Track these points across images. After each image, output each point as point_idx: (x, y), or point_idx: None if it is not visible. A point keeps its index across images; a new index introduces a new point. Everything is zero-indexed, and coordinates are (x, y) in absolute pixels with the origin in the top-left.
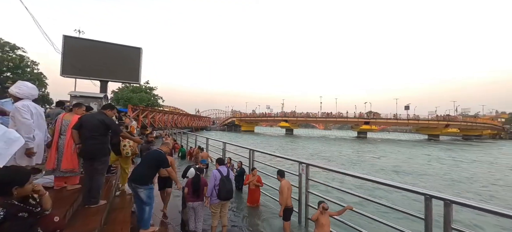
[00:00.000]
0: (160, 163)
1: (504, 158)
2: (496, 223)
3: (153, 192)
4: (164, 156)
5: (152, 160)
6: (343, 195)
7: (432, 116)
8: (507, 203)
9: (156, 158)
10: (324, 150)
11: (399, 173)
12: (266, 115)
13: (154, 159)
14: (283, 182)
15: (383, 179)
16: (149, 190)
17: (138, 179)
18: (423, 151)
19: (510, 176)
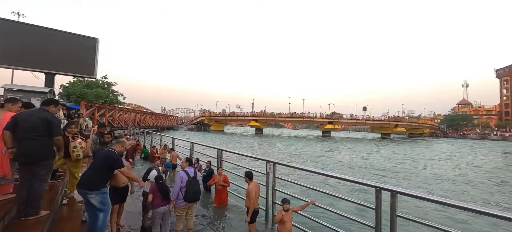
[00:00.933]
0: (112, 163)
1: (440, 153)
2: (435, 209)
3: (108, 197)
4: (116, 155)
5: (102, 160)
6: (307, 191)
7: (384, 117)
8: (444, 191)
9: (107, 157)
10: (292, 148)
11: (355, 168)
12: (237, 115)
13: (105, 159)
14: (250, 185)
15: (341, 174)
16: (101, 194)
17: (86, 183)
18: (377, 148)
19: (447, 168)
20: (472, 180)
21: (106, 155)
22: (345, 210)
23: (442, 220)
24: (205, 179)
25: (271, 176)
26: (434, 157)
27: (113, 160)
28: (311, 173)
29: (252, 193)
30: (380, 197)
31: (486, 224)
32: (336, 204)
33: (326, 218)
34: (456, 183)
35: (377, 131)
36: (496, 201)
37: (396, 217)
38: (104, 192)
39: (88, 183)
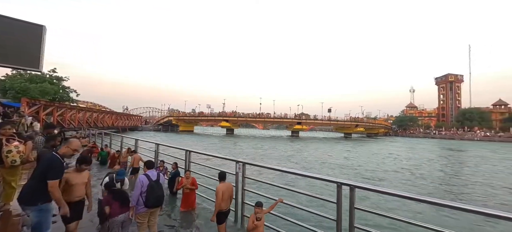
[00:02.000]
0: (47, 171)
1: (393, 149)
2: (390, 200)
3: (49, 217)
4: (56, 162)
5: (41, 168)
6: (276, 189)
7: (346, 118)
8: (395, 184)
9: (45, 164)
10: (264, 148)
11: (321, 165)
12: (207, 115)
13: (43, 166)
14: (219, 185)
15: (307, 172)
16: (39, 212)
17: (23, 196)
18: (340, 146)
19: (397, 163)
20: (413, 172)
21: (45, 161)
22: (310, 205)
23: (393, 209)
24: (171, 182)
25: (241, 176)
26: (387, 154)
27: (49, 168)
28: (279, 171)
29: (219, 193)
30: (340, 192)
31: (429, 210)
32: (302, 200)
33: (293, 214)
34: (404, 175)
35: (340, 130)
36: (427, 189)
37: (354, 209)
38: (44, 210)
39: (25, 196)
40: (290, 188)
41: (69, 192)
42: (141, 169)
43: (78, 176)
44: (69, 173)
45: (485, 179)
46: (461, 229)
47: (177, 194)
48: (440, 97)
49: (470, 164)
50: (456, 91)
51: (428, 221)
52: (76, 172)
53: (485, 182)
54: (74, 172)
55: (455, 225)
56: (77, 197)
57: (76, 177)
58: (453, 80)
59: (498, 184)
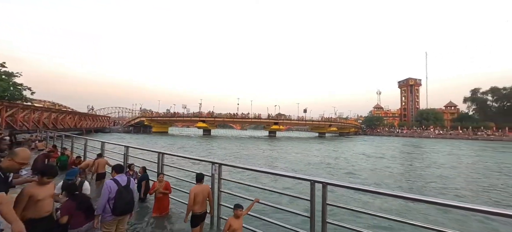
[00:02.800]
0: None
1: (362, 147)
2: (360, 196)
3: None
4: None
5: None
6: (253, 190)
7: (321, 118)
8: (366, 179)
9: None
10: (241, 149)
11: (299, 163)
12: (182, 115)
13: None
14: (192, 188)
15: (282, 171)
16: None
17: None
18: (315, 145)
19: (365, 160)
20: (378, 167)
21: None
22: (286, 203)
23: (364, 203)
24: (138, 187)
25: (217, 177)
26: (358, 151)
27: None
28: (256, 171)
29: (191, 195)
30: (314, 189)
31: (394, 203)
32: (278, 199)
33: (269, 214)
34: (373, 171)
35: (315, 130)
36: (392, 183)
37: (326, 205)
38: None
39: None
40: (266, 188)
41: (35, 209)
42: (108, 174)
43: (43, 189)
44: (32, 187)
45: (438, 171)
46: (422, 219)
47: (148, 199)
48: (402, 99)
49: (427, 158)
50: (416, 94)
51: (393, 212)
52: (39, 185)
53: (438, 174)
54: (37, 186)
55: (416, 215)
56: (45, 212)
57: (41, 191)
58: (412, 84)
59: (449, 175)
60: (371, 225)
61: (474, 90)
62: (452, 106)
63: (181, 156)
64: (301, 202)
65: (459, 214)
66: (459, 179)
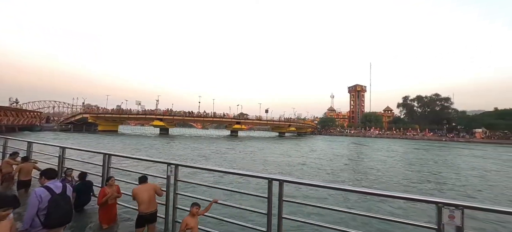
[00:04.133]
0: None
1: (318, 146)
2: (314, 192)
3: None
4: None
5: None
6: (211, 190)
7: (281, 118)
8: (320, 176)
9: None
10: (200, 148)
11: (257, 161)
12: (136, 112)
13: None
14: (134, 188)
15: (241, 170)
16: None
17: None
18: (275, 145)
19: (319, 158)
20: (326, 163)
21: None
22: (244, 202)
23: (318, 198)
24: (79, 195)
25: (173, 179)
26: (310, 150)
27: None
28: (214, 171)
29: (134, 195)
30: (271, 187)
31: (343, 196)
32: (237, 198)
33: (227, 213)
34: (325, 167)
35: (276, 130)
36: (343, 177)
37: (282, 201)
38: None
39: None
40: (225, 188)
41: None
42: (35, 181)
43: None
44: None
45: (378, 165)
46: (366, 209)
47: (88, 209)
48: (351, 103)
49: (368, 154)
50: (362, 99)
51: (342, 205)
52: None
53: (378, 169)
54: None
55: (360, 206)
56: None
57: None
58: (359, 90)
59: (386, 169)
60: (323, 217)
61: (405, 98)
62: (389, 111)
63: (132, 158)
64: (259, 200)
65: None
66: (389, 171)
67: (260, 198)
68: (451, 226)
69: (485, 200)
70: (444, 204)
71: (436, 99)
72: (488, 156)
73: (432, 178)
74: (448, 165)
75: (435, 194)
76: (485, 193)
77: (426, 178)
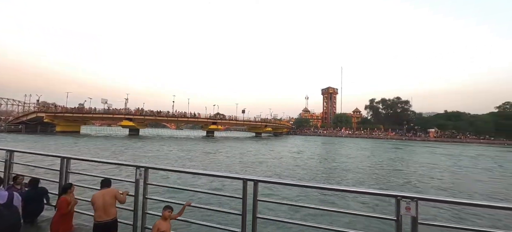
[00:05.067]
0: None
1: (291, 145)
2: (289, 191)
3: None
4: None
5: None
6: (184, 193)
7: (257, 119)
8: (295, 174)
9: None
10: (174, 149)
11: (234, 163)
12: (102, 111)
13: None
14: (93, 194)
15: (215, 171)
16: None
17: None
18: (252, 144)
19: (296, 156)
20: (306, 162)
21: None
22: (219, 204)
23: (290, 197)
24: (29, 204)
25: (142, 183)
26: (286, 149)
27: None
28: (188, 174)
29: (93, 203)
30: (246, 187)
31: (316, 193)
32: (211, 200)
33: (201, 216)
34: (299, 165)
35: (252, 130)
36: (315, 175)
37: (257, 201)
38: None
39: None
40: (199, 190)
41: None
42: None
43: None
44: None
45: (347, 162)
46: (334, 205)
47: (39, 220)
48: (324, 104)
49: (338, 153)
50: (334, 100)
51: (314, 201)
52: None
53: (346, 166)
54: None
55: (329, 202)
56: None
57: None
58: (332, 92)
59: (354, 167)
60: (296, 214)
61: (371, 100)
62: (358, 112)
63: (95, 161)
64: (234, 201)
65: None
66: (355, 169)
67: (235, 199)
68: (408, 216)
69: (438, 191)
70: (402, 197)
71: (397, 102)
72: (440, 152)
73: (392, 174)
74: (405, 161)
75: (395, 188)
76: (437, 184)
77: (386, 173)
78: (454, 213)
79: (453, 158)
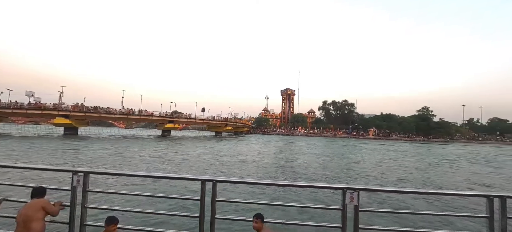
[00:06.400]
0: None
1: (251, 145)
2: (250, 190)
3: None
4: None
5: None
6: (134, 200)
7: (218, 117)
8: (247, 172)
9: None
10: (126, 151)
11: (191, 163)
12: (28, 106)
13: None
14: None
15: (170, 174)
16: None
17: None
18: (211, 144)
19: (257, 155)
20: (264, 160)
21: None
22: (173, 208)
23: (245, 195)
24: None
25: (80, 190)
26: (247, 148)
27: None
28: (139, 177)
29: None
30: (204, 188)
31: (272, 190)
32: (165, 205)
33: (154, 223)
34: (260, 164)
35: (213, 129)
36: (272, 172)
37: (215, 202)
38: None
39: None
40: (152, 194)
41: None
42: None
43: None
44: None
45: (301, 158)
46: (289, 200)
47: None
48: (283, 105)
49: (293, 150)
50: (292, 101)
51: (270, 198)
52: None
53: (301, 162)
54: None
55: (284, 197)
56: None
57: None
58: (290, 93)
59: (308, 162)
60: (254, 212)
61: (324, 102)
62: (312, 113)
63: (19, 167)
64: (190, 203)
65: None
66: (307, 164)
67: (193, 201)
68: (351, 205)
69: (365, 178)
70: (346, 189)
71: (345, 104)
72: (377, 149)
73: (338, 167)
74: (349, 156)
75: (342, 181)
76: (375, 175)
77: (334, 167)
78: (383, 199)
79: (382, 151)
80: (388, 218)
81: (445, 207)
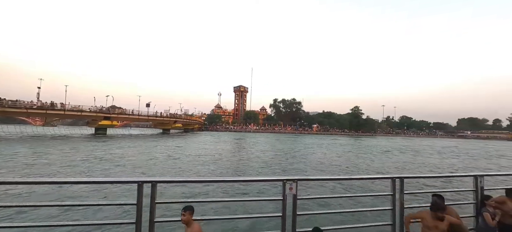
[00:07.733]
0: None
1: (201, 144)
2: (196, 189)
3: None
4: None
5: None
6: (50, 211)
7: (166, 113)
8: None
9: None
10: (40, 154)
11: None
12: None
13: None
14: None
15: (101, 178)
16: None
17: None
18: (156, 142)
19: (206, 153)
20: (214, 159)
21: None
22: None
23: (189, 195)
24: None
25: None
26: (195, 146)
27: None
28: (55, 184)
29: None
30: (141, 191)
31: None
32: (97, 214)
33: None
34: (205, 162)
35: (160, 126)
36: (219, 170)
37: (155, 204)
38: None
39: None
40: (75, 203)
41: None
42: None
43: None
44: None
45: (253, 154)
46: (232, 195)
47: None
48: (235, 102)
49: (244, 148)
50: (244, 98)
51: (218, 195)
52: None
53: (254, 157)
54: None
55: (235, 192)
56: None
57: None
58: (243, 90)
59: (256, 156)
60: (199, 209)
61: (274, 100)
62: (264, 110)
63: None
64: (126, 208)
65: None
66: (254, 159)
67: (131, 206)
68: (290, 195)
69: (314, 171)
70: (286, 180)
71: (293, 102)
72: (321, 143)
73: (282, 160)
74: (294, 150)
75: (287, 170)
76: (314, 165)
77: (278, 160)
78: (317, 186)
79: (324, 145)
80: (320, 202)
81: (365, 189)
